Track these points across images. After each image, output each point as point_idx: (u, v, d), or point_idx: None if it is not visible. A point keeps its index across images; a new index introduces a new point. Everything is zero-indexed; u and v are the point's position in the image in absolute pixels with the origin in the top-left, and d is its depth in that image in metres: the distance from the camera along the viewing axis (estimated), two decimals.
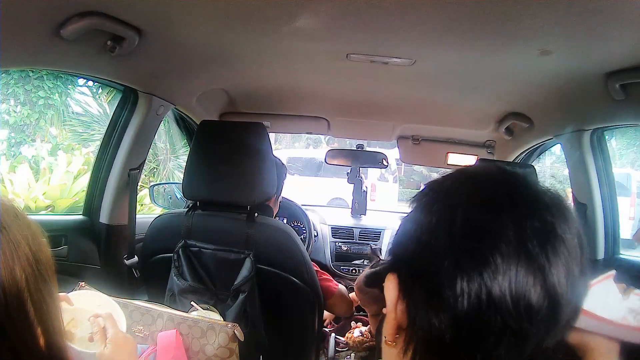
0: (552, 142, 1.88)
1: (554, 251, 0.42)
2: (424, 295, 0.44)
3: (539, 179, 0.48)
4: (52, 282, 0.56)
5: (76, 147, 5.65)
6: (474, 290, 0.41)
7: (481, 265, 0.41)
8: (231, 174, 1.28)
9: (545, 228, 0.42)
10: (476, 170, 0.51)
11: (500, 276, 0.40)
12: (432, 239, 0.44)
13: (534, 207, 0.43)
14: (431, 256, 0.43)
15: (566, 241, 0.43)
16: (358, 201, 2.40)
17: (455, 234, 0.43)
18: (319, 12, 1.03)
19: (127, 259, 1.53)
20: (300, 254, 1.28)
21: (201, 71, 1.57)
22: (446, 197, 0.46)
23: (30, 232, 0.53)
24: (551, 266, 0.41)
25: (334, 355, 1.58)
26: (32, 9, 0.91)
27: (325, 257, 2.25)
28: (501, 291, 0.40)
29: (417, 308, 0.45)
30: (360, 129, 2.35)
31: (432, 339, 0.43)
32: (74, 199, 4.34)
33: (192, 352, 1.04)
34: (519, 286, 0.40)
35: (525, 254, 0.41)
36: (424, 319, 0.44)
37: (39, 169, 4.99)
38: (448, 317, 0.42)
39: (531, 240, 0.41)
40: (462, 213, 0.43)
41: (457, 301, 0.41)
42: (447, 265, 0.42)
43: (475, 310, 0.41)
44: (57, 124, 6.51)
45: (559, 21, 0.96)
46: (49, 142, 6.31)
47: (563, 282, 0.42)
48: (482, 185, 0.46)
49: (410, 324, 0.46)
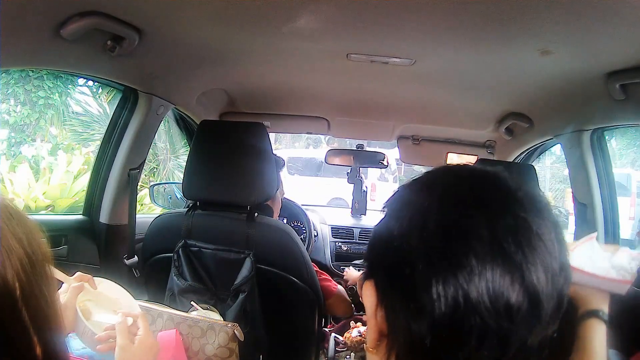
0: (552, 142, 1.88)
1: (530, 248, 0.41)
2: (401, 301, 0.43)
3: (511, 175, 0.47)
4: (49, 285, 0.52)
5: (76, 146, 5.65)
6: (450, 292, 0.40)
7: (455, 267, 0.40)
8: (231, 173, 1.28)
9: (519, 224, 0.41)
10: (444, 171, 0.50)
11: (476, 277, 0.40)
12: (405, 245, 0.43)
13: (506, 204, 0.43)
14: (405, 260, 0.43)
15: (542, 236, 0.42)
16: (358, 201, 2.40)
17: (427, 236, 0.42)
18: (319, 12, 1.03)
19: (127, 259, 1.53)
20: (300, 254, 1.28)
21: (201, 71, 1.57)
22: (416, 200, 0.46)
23: (26, 233, 0.50)
24: (528, 263, 0.41)
25: (334, 355, 1.58)
26: (32, 9, 0.91)
27: (325, 257, 2.25)
28: (478, 292, 0.40)
29: (395, 314, 0.44)
30: (360, 129, 2.35)
31: (413, 344, 0.43)
32: (74, 199, 4.34)
33: (192, 352, 1.04)
34: (496, 286, 0.40)
35: (500, 253, 0.40)
36: (403, 324, 0.43)
37: (39, 169, 4.98)
38: (426, 321, 0.41)
39: (505, 238, 0.41)
40: (433, 215, 0.43)
41: (434, 305, 0.40)
42: (421, 268, 0.41)
43: (453, 312, 0.40)
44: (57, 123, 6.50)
45: (560, 21, 0.96)
46: (49, 142, 6.31)
47: (542, 278, 0.41)
48: (451, 186, 0.45)
49: (390, 330, 0.46)
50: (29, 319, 0.48)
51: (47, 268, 0.52)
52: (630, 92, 1.22)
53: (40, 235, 0.53)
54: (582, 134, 1.53)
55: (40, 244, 0.52)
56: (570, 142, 1.60)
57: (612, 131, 1.68)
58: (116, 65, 1.27)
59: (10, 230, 0.49)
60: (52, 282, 0.53)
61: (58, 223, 1.53)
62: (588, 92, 1.36)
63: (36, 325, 0.49)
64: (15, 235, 0.49)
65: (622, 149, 8.36)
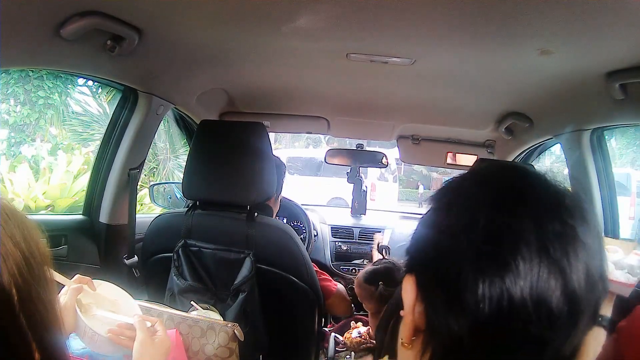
0: (552, 142, 1.88)
1: (575, 255, 0.41)
2: (443, 299, 0.43)
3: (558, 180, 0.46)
4: (48, 288, 0.51)
5: (76, 146, 5.65)
6: (496, 294, 0.40)
7: (503, 269, 0.40)
8: (231, 173, 1.28)
9: (567, 231, 0.41)
10: (495, 170, 0.49)
11: (522, 280, 0.39)
12: (452, 242, 0.43)
13: (555, 210, 0.42)
14: (451, 259, 0.42)
15: (587, 245, 0.42)
16: (358, 201, 2.40)
17: (476, 237, 0.42)
18: (319, 11, 1.03)
19: (127, 259, 1.53)
20: (300, 254, 1.28)
21: (201, 71, 1.57)
22: (466, 199, 0.45)
23: (24, 235, 0.49)
24: (572, 271, 0.40)
25: (334, 355, 1.58)
26: (32, 9, 0.91)
27: (325, 256, 2.25)
28: (523, 296, 0.39)
29: (435, 312, 0.44)
30: (360, 128, 2.35)
31: (451, 344, 0.42)
32: (74, 199, 4.34)
33: (192, 352, 1.04)
34: (540, 291, 0.40)
35: (546, 258, 0.40)
36: (443, 323, 0.43)
37: (39, 169, 4.99)
38: (468, 322, 0.41)
39: (553, 243, 0.40)
40: (483, 216, 0.42)
41: (478, 306, 0.40)
42: (468, 269, 0.41)
43: (496, 315, 0.40)
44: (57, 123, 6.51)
45: (559, 21, 0.96)
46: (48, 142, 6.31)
47: (583, 286, 0.41)
48: (502, 187, 0.45)
49: (428, 327, 0.45)
50: (27, 324, 0.47)
51: (46, 271, 0.51)
52: (630, 91, 1.22)
53: (39, 237, 0.52)
54: (582, 134, 1.53)
55: (38, 245, 0.51)
56: (570, 141, 1.60)
57: (612, 131, 1.68)
58: (116, 65, 1.27)
59: (7, 233, 0.48)
60: (51, 285, 0.52)
61: (58, 223, 1.53)
62: (588, 91, 1.36)
63: (35, 330, 0.47)
64: (12, 238, 0.48)
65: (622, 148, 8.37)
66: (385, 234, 2.30)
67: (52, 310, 0.51)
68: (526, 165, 0.49)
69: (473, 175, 0.48)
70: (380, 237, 1.92)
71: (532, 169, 0.47)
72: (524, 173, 0.46)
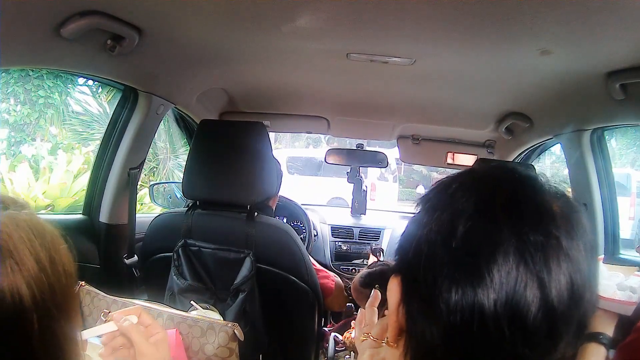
0: (552, 142, 1.88)
1: (557, 268, 0.39)
2: (419, 303, 0.42)
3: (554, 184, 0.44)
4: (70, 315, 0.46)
5: (76, 146, 5.64)
6: (468, 306, 0.38)
7: (477, 280, 0.38)
8: (231, 173, 1.28)
9: (550, 243, 0.39)
10: (484, 173, 0.46)
11: (496, 293, 0.38)
12: (430, 247, 0.42)
13: (540, 219, 0.40)
14: (428, 266, 0.41)
15: (572, 257, 0.39)
16: (358, 201, 2.40)
17: (454, 245, 0.40)
18: (319, 11, 1.03)
19: (127, 259, 1.53)
20: (300, 254, 1.28)
21: (201, 70, 1.57)
22: (450, 203, 0.43)
23: (50, 256, 0.45)
24: (552, 285, 0.38)
25: (334, 355, 1.58)
26: (32, 9, 0.91)
27: (325, 256, 2.25)
28: (496, 309, 0.38)
29: (412, 316, 0.43)
30: (360, 128, 2.35)
31: (425, 350, 0.42)
32: (74, 198, 4.34)
33: (191, 352, 1.04)
34: (515, 305, 0.38)
35: (525, 271, 0.38)
36: (419, 328, 0.42)
37: (39, 168, 4.98)
38: (440, 331, 0.40)
39: (533, 256, 0.38)
40: (464, 222, 0.40)
41: (450, 315, 0.39)
42: (443, 276, 0.40)
43: (468, 327, 0.39)
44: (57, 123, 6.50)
45: (559, 21, 0.96)
46: (48, 141, 6.31)
47: (565, 302, 0.39)
48: (488, 192, 0.43)
49: (407, 330, 0.45)
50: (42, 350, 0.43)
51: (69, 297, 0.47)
52: (630, 92, 1.22)
53: (59, 243, 0.49)
54: (582, 134, 1.53)
55: (59, 253, 0.47)
56: (570, 141, 1.60)
57: (612, 131, 1.68)
58: (116, 64, 1.27)
59: (32, 253, 0.44)
60: (73, 312, 0.48)
61: (58, 223, 1.52)
62: (588, 92, 1.35)
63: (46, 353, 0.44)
64: (37, 258, 0.44)
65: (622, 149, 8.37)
66: (385, 234, 2.30)
67: (71, 340, 0.47)
68: (521, 168, 0.47)
69: (462, 177, 0.46)
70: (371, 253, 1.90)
71: (526, 171, 0.45)
72: (515, 177, 0.44)
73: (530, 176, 0.44)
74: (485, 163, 1.49)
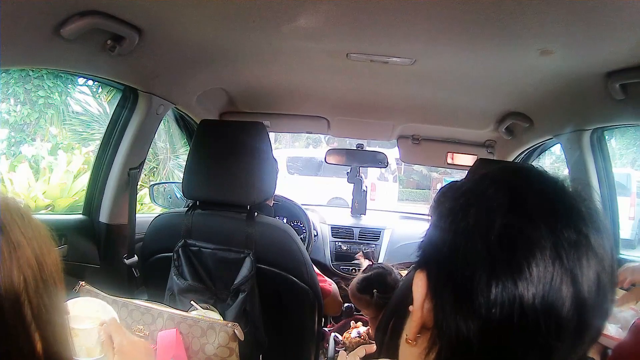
0: (552, 142, 1.88)
1: (588, 265, 0.40)
2: (454, 299, 0.43)
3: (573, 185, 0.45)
4: (56, 288, 0.51)
5: (76, 146, 5.64)
6: (508, 299, 0.39)
7: (517, 275, 0.40)
8: (231, 173, 1.28)
9: (581, 240, 0.41)
10: (514, 173, 0.48)
11: (534, 288, 0.39)
12: (467, 244, 0.42)
13: (571, 217, 0.42)
14: (465, 260, 0.42)
15: (599, 256, 0.41)
16: (358, 201, 2.40)
17: (492, 240, 0.41)
18: (319, 11, 1.03)
19: (127, 259, 1.53)
20: (300, 254, 1.28)
21: (201, 70, 1.57)
22: (484, 200, 0.44)
23: (36, 235, 0.50)
24: (583, 281, 0.40)
25: (334, 355, 1.58)
26: (32, 9, 0.91)
27: (325, 256, 2.25)
28: (534, 303, 0.39)
29: (445, 311, 0.43)
30: (360, 128, 2.35)
31: (458, 345, 0.42)
32: (74, 199, 4.33)
33: (192, 352, 1.04)
34: (551, 299, 0.39)
35: (560, 267, 0.40)
36: (452, 323, 0.42)
37: (39, 168, 4.98)
38: (478, 324, 0.41)
39: (567, 252, 0.40)
40: (500, 219, 0.41)
41: (490, 310, 0.40)
42: (481, 272, 0.41)
43: (506, 320, 0.40)
44: (57, 123, 6.50)
45: (560, 21, 0.96)
46: (48, 142, 6.31)
47: (593, 297, 0.41)
48: (520, 191, 0.44)
49: (436, 326, 0.45)
50: (32, 315, 0.47)
51: (54, 273, 0.51)
52: (630, 92, 1.22)
53: (50, 241, 0.52)
54: (582, 134, 1.53)
55: (49, 249, 0.51)
56: (570, 141, 1.60)
57: (612, 131, 1.68)
58: (116, 64, 1.27)
59: (21, 227, 0.48)
60: (58, 287, 0.52)
61: (58, 223, 1.53)
62: (588, 92, 1.36)
63: (38, 322, 0.48)
64: (25, 233, 0.48)
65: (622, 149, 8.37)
66: (385, 234, 2.30)
67: (57, 307, 0.51)
68: (542, 169, 0.49)
69: (491, 176, 0.47)
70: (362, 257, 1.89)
71: (547, 173, 0.46)
72: (542, 178, 0.46)
73: (555, 177, 0.46)
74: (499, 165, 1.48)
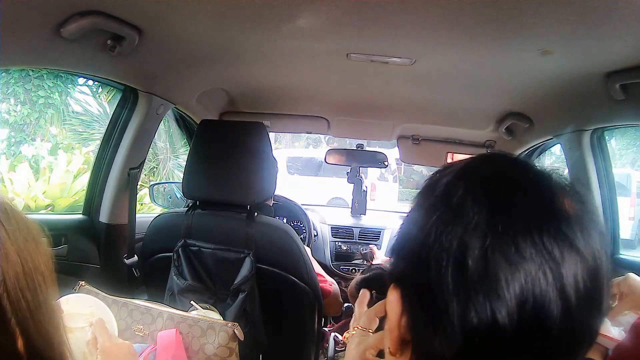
0: (552, 142, 1.88)
1: (576, 277, 0.37)
2: (427, 318, 0.40)
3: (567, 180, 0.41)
4: (43, 284, 0.50)
5: (76, 146, 5.64)
6: (484, 322, 0.36)
7: (493, 297, 0.36)
8: (231, 173, 1.28)
9: (571, 253, 0.37)
10: (492, 174, 0.41)
11: (515, 309, 0.36)
12: (439, 265, 0.38)
13: (559, 226, 0.38)
14: (438, 281, 0.38)
15: (587, 262, 0.38)
16: (358, 201, 2.40)
17: (471, 263, 0.37)
18: (319, 11, 1.03)
19: (127, 259, 1.53)
20: (300, 254, 1.28)
21: (201, 70, 1.57)
22: (459, 214, 0.38)
23: (20, 230, 0.49)
24: (572, 297, 0.37)
25: (334, 355, 1.58)
26: (33, 9, 0.91)
27: (325, 256, 2.25)
28: (515, 324, 0.36)
29: (418, 328, 0.41)
30: (360, 128, 2.35)
31: (435, 359, 0.40)
32: (74, 198, 4.34)
33: (192, 351, 1.04)
34: (536, 320, 0.36)
35: (545, 284, 0.36)
36: (427, 340, 0.40)
37: (39, 168, 4.98)
38: (453, 342, 0.38)
39: (552, 269, 0.36)
40: (479, 241, 0.37)
41: (465, 332, 0.37)
42: (455, 293, 0.37)
43: (484, 339, 0.37)
44: (57, 123, 6.50)
45: (560, 21, 0.96)
46: (49, 141, 6.31)
47: (584, 312, 0.38)
48: (501, 202, 0.39)
49: (413, 342, 0.43)
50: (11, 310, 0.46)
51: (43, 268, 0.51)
52: (630, 92, 1.22)
53: (39, 236, 0.51)
54: (582, 134, 1.53)
55: (37, 244, 0.51)
56: (570, 142, 1.60)
57: (612, 131, 1.68)
58: (116, 64, 1.27)
59: (5, 224, 0.48)
60: (47, 281, 0.51)
61: (58, 222, 1.53)
62: (588, 92, 1.35)
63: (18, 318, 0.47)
64: (10, 230, 0.48)
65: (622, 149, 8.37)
66: (385, 234, 2.30)
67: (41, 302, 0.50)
68: (532, 164, 0.42)
69: (466, 178, 0.41)
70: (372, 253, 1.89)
71: (541, 170, 0.42)
72: (529, 178, 0.41)
73: (546, 175, 0.41)
74: None
